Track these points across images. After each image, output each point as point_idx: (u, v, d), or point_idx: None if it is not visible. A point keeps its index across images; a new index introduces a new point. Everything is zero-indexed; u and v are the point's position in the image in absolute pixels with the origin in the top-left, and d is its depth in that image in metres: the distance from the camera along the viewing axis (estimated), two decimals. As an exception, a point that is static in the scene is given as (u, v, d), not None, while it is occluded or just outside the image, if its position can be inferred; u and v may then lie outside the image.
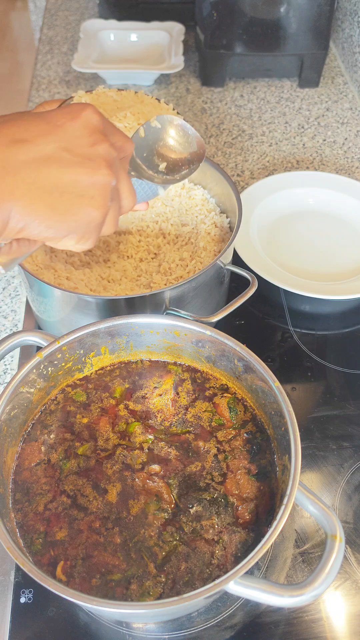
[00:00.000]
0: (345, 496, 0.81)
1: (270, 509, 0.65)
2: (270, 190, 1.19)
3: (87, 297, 0.82)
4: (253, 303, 0.89)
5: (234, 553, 0.63)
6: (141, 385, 0.77)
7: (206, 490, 0.67)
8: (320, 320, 1.04)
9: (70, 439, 0.72)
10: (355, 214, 1.17)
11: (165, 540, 0.64)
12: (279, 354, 0.98)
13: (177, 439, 0.72)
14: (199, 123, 1.43)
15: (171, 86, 1.54)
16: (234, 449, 0.71)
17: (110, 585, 0.61)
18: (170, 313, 0.80)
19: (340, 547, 0.55)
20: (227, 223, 0.99)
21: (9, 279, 1.10)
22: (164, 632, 0.70)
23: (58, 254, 0.96)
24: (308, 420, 0.90)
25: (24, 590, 0.73)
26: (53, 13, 1.82)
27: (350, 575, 0.74)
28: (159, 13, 1.63)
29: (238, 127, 1.42)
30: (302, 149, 1.36)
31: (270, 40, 1.41)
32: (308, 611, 0.71)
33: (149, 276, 0.93)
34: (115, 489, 0.68)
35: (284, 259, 1.09)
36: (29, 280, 0.86)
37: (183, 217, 1.01)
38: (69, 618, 0.71)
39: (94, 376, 0.77)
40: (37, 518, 0.65)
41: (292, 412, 0.64)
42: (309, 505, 0.59)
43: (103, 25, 1.58)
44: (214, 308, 0.93)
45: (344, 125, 1.43)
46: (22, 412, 0.70)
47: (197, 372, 0.78)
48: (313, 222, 1.17)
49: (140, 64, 1.50)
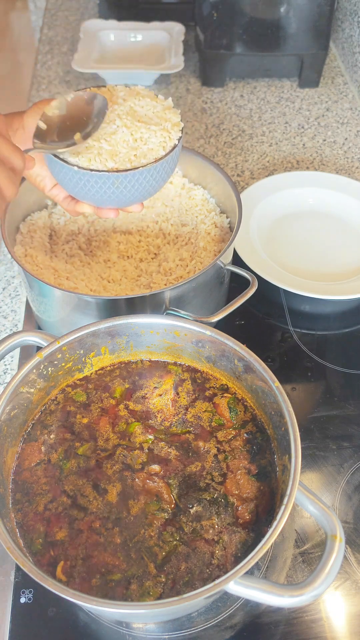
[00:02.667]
0: (345, 496, 0.81)
1: (270, 509, 0.65)
2: (270, 191, 1.19)
3: (87, 297, 0.82)
4: (253, 303, 0.89)
5: (234, 553, 0.63)
6: (141, 386, 0.77)
7: (206, 490, 0.67)
8: (320, 320, 1.04)
9: (70, 439, 0.72)
10: (355, 214, 1.17)
11: (165, 540, 0.64)
12: (279, 354, 0.98)
13: (177, 439, 0.72)
14: (199, 123, 1.43)
15: (171, 86, 1.54)
16: (234, 449, 0.71)
17: (110, 586, 0.61)
18: (170, 313, 0.80)
19: (340, 547, 0.55)
20: (227, 223, 0.99)
21: (9, 279, 1.10)
22: (164, 632, 0.70)
23: (58, 254, 0.96)
24: (308, 420, 0.90)
25: (24, 590, 0.73)
26: (53, 13, 1.82)
27: (350, 575, 0.74)
28: (159, 13, 1.63)
29: (238, 127, 1.42)
30: (302, 149, 1.36)
31: (270, 40, 1.41)
32: (308, 611, 0.71)
33: (149, 276, 0.93)
34: (115, 489, 0.68)
35: (284, 259, 1.09)
36: (29, 280, 0.87)
37: (183, 217, 1.01)
38: (69, 618, 0.71)
39: (94, 376, 0.77)
40: (37, 518, 0.65)
41: (292, 412, 0.64)
42: (309, 505, 0.59)
43: (103, 25, 1.58)
44: (214, 308, 0.93)
45: (344, 125, 1.43)
46: (22, 412, 0.70)
47: (197, 372, 0.78)
48: (313, 222, 1.17)
49: (140, 64, 1.50)
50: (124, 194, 0.76)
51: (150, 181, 0.77)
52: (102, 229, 1.01)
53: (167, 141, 0.78)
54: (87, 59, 1.49)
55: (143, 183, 0.76)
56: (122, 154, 0.76)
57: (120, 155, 0.76)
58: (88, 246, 0.99)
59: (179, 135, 0.79)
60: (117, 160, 0.75)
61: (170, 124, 0.79)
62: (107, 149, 0.76)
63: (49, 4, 1.87)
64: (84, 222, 1.01)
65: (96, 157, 0.75)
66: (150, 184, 0.77)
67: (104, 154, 0.76)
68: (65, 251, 0.96)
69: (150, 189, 0.78)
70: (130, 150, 0.76)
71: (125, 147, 0.76)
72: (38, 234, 0.96)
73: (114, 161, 0.75)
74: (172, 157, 0.78)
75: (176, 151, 0.79)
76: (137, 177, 0.75)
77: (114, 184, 0.75)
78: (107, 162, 0.75)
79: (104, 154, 0.76)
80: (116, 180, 0.75)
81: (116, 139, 0.76)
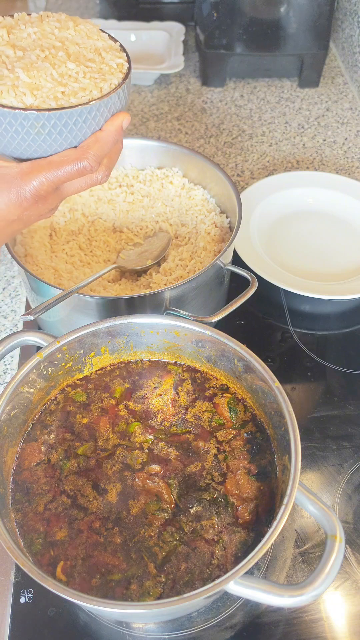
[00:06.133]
0: (345, 496, 0.81)
1: (270, 509, 0.65)
2: (270, 190, 1.19)
3: (87, 297, 0.82)
4: (253, 303, 0.89)
5: (234, 553, 0.63)
6: (141, 385, 0.77)
7: (206, 490, 0.67)
8: (320, 320, 1.04)
9: (70, 439, 0.72)
10: (355, 214, 1.17)
11: (165, 540, 0.64)
12: (279, 354, 0.98)
13: (177, 439, 0.72)
14: (199, 123, 1.43)
15: (171, 86, 1.54)
16: (234, 449, 0.71)
17: (110, 585, 0.61)
18: (170, 313, 0.80)
19: (340, 547, 0.55)
20: (227, 223, 0.99)
21: (8, 279, 1.10)
22: (164, 632, 0.70)
23: (58, 254, 0.96)
24: (308, 420, 0.90)
25: (24, 590, 0.73)
26: (53, 13, 1.82)
27: (350, 575, 0.74)
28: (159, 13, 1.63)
29: (238, 127, 1.42)
30: (302, 149, 1.36)
31: (270, 40, 1.41)
32: (308, 611, 0.71)
33: (149, 276, 0.93)
34: (115, 489, 0.68)
35: (284, 259, 1.09)
36: (29, 280, 0.87)
37: (183, 217, 1.01)
38: (69, 618, 0.71)
39: (94, 376, 0.77)
40: (37, 518, 0.65)
41: (292, 412, 0.64)
42: (309, 505, 0.59)
43: (103, 25, 1.58)
44: (214, 308, 0.93)
45: (344, 125, 1.43)
46: (22, 412, 0.70)
47: (197, 372, 0.78)
48: (313, 222, 1.17)
49: (140, 64, 1.50)
50: (47, 142, 0.61)
51: (83, 128, 0.62)
52: (102, 229, 1.01)
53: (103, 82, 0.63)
54: (87, 59, 1.48)
55: (73, 130, 0.61)
56: (45, 89, 0.60)
57: (44, 90, 0.60)
58: (88, 246, 0.99)
59: (120, 77, 0.65)
60: (38, 95, 0.59)
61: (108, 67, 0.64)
62: (25, 80, 0.59)
63: (49, 4, 1.87)
64: (84, 222, 1.01)
65: (10, 90, 0.59)
66: (82, 132, 0.62)
67: (21, 87, 0.59)
68: (65, 251, 0.96)
69: (82, 137, 0.63)
70: (56, 86, 0.60)
71: (50, 82, 0.60)
72: (38, 234, 0.96)
73: (35, 97, 0.59)
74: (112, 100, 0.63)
75: (119, 94, 0.64)
76: (65, 121, 0.60)
77: (33, 128, 0.59)
78: (24, 98, 0.59)
79: (22, 86, 0.59)
80: (36, 123, 0.59)
81: (37, 70, 0.60)
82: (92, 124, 0.63)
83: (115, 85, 0.64)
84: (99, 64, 0.64)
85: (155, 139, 1.12)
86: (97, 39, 0.67)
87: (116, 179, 1.06)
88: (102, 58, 0.65)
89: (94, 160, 0.63)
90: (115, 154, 0.68)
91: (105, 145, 0.64)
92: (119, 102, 0.65)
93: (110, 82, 0.63)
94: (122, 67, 0.66)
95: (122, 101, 0.65)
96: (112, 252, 0.98)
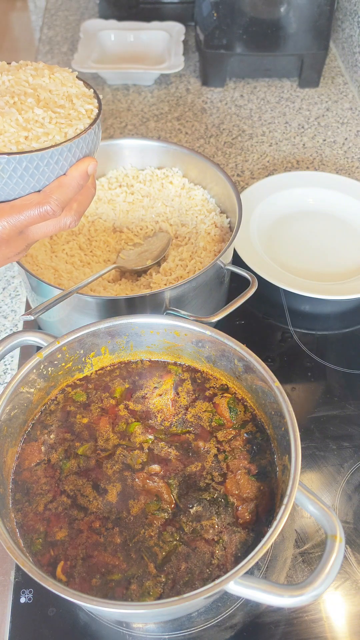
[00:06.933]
0: (345, 496, 0.81)
1: (270, 509, 0.65)
2: (270, 190, 1.19)
3: (87, 297, 0.82)
4: (253, 303, 0.89)
5: (234, 553, 0.63)
6: (141, 385, 0.77)
7: (206, 490, 0.67)
8: (320, 320, 1.04)
9: (70, 439, 0.72)
10: (355, 214, 1.17)
11: (165, 540, 0.64)
12: (279, 354, 0.98)
13: (177, 439, 0.72)
14: (199, 123, 1.43)
15: (171, 86, 1.54)
16: (234, 449, 0.71)
17: (110, 586, 0.61)
18: (170, 313, 0.80)
19: (340, 547, 0.55)
20: (227, 223, 0.99)
21: (8, 278, 1.10)
22: (164, 632, 0.70)
23: (58, 254, 0.96)
24: (308, 420, 0.90)
25: (24, 590, 0.73)
26: (53, 13, 1.82)
27: (350, 575, 0.74)
28: (159, 13, 1.63)
29: (238, 127, 1.42)
30: (302, 149, 1.36)
31: (270, 40, 1.41)
32: (308, 611, 0.71)
33: (149, 276, 0.93)
34: (115, 489, 0.68)
35: (284, 259, 1.09)
36: (29, 280, 0.87)
37: (183, 217, 1.01)
38: (69, 618, 0.71)
39: (94, 376, 0.77)
40: (37, 518, 0.65)
41: (292, 412, 0.64)
42: (309, 505, 0.59)
43: (103, 25, 1.58)
44: (214, 308, 0.93)
45: (344, 125, 1.43)
46: (22, 412, 0.70)
47: (197, 372, 0.78)
48: (313, 222, 1.17)
49: (140, 64, 1.50)
50: (9, 185, 0.61)
51: (46, 172, 0.62)
52: (102, 229, 1.01)
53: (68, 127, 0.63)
54: (87, 59, 1.49)
55: (35, 174, 0.61)
56: (8, 134, 0.61)
57: (7, 135, 0.61)
58: (88, 246, 0.99)
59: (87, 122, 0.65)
60: (0, 140, 0.61)
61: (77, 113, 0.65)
62: None
63: (49, 4, 1.87)
64: (84, 222, 1.01)
65: None
66: (45, 176, 0.62)
67: None
68: (65, 251, 0.96)
69: (45, 181, 0.63)
70: (20, 131, 0.61)
71: (14, 127, 0.61)
72: (38, 234, 0.96)
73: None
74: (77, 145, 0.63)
75: (85, 139, 0.64)
76: (26, 165, 0.60)
77: None
78: None
79: None
80: None
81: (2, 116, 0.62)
82: (56, 169, 0.63)
83: (81, 130, 0.64)
84: (68, 109, 0.65)
85: (155, 139, 1.12)
86: (71, 86, 0.68)
87: (116, 179, 1.06)
88: (73, 104, 0.66)
89: (56, 204, 0.62)
90: (86, 199, 0.67)
91: (69, 189, 0.64)
92: (86, 147, 0.65)
93: (76, 128, 0.64)
94: (90, 113, 0.66)
95: (90, 146, 0.66)
96: (112, 252, 0.98)
